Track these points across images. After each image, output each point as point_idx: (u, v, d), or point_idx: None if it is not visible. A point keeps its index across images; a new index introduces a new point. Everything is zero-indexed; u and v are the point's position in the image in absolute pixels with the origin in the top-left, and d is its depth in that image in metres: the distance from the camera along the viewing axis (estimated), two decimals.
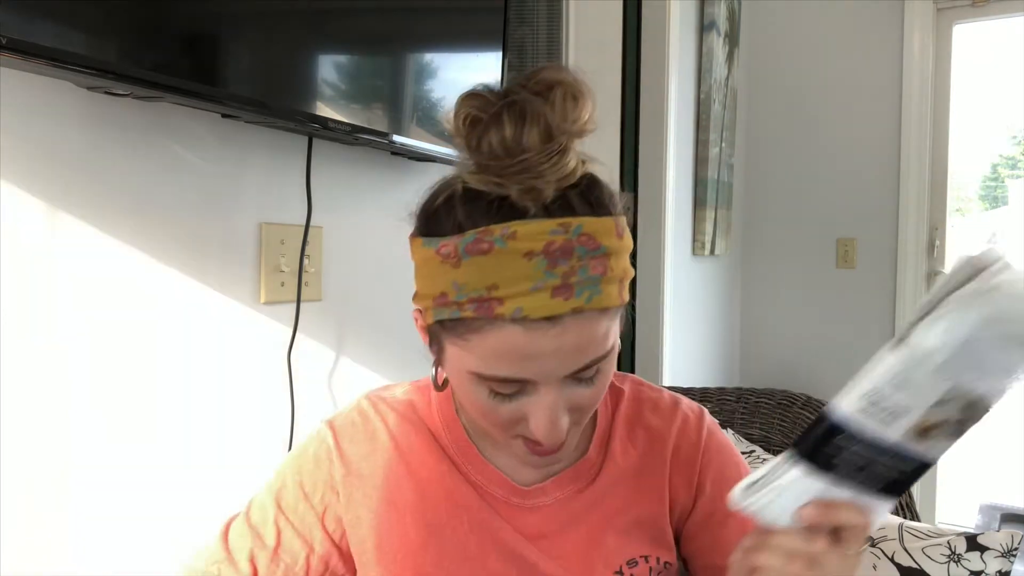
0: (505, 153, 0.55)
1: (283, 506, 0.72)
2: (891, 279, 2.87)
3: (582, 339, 0.57)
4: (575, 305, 0.55)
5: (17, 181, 0.83)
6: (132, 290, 0.95)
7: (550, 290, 0.55)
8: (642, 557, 0.72)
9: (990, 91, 4.23)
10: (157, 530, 0.98)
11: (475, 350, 0.58)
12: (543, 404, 0.59)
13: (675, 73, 2.21)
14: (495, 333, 0.56)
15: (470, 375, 0.60)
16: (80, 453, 0.90)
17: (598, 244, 0.57)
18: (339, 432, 0.74)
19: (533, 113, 0.55)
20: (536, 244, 0.55)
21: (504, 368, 0.58)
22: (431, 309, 0.60)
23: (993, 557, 0.88)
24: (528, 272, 0.55)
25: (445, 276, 0.57)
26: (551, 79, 0.57)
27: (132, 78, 0.82)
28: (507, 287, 0.55)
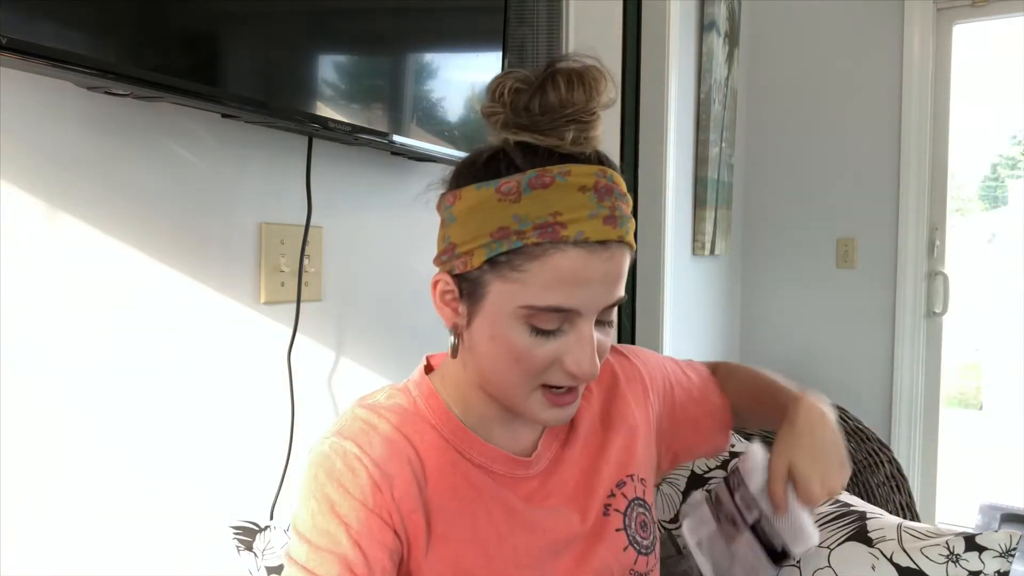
0: (560, 105, 0.65)
1: (347, 521, 0.67)
2: (891, 279, 2.87)
3: (620, 269, 0.67)
4: (619, 234, 0.65)
5: (17, 181, 0.83)
6: (132, 290, 0.95)
7: (602, 218, 0.64)
8: (628, 476, 0.83)
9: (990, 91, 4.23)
10: (157, 530, 0.98)
11: (531, 280, 0.64)
12: (584, 336, 0.66)
13: (675, 73, 2.21)
14: (557, 256, 0.64)
15: (519, 312, 0.65)
16: (80, 453, 0.90)
17: (623, 191, 0.68)
18: (356, 438, 0.71)
19: (581, 77, 0.65)
20: (588, 180, 0.65)
21: (559, 295, 0.64)
22: (484, 248, 0.66)
23: (991, 557, 0.88)
24: (584, 202, 0.64)
25: (505, 211, 0.64)
26: (585, 59, 0.67)
27: (132, 78, 0.82)
28: (569, 213, 0.63)
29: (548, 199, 0.64)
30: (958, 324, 3.41)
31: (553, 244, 0.63)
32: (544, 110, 0.65)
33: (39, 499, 0.86)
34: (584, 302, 0.65)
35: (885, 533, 0.98)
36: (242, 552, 1.01)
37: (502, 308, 0.66)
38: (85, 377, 0.90)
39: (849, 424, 1.51)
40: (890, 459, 1.44)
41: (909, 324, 2.85)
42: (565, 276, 0.64)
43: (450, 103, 1.40)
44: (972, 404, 6.12)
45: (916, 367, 2.85)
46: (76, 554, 0.90)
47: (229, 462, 1.08)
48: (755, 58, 3.04)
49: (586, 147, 0.67)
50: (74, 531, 0.89)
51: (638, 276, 2.24)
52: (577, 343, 0.67)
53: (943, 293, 2.87)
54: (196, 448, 1.03)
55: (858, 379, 2.92)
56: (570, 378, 0.68)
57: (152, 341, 0.97)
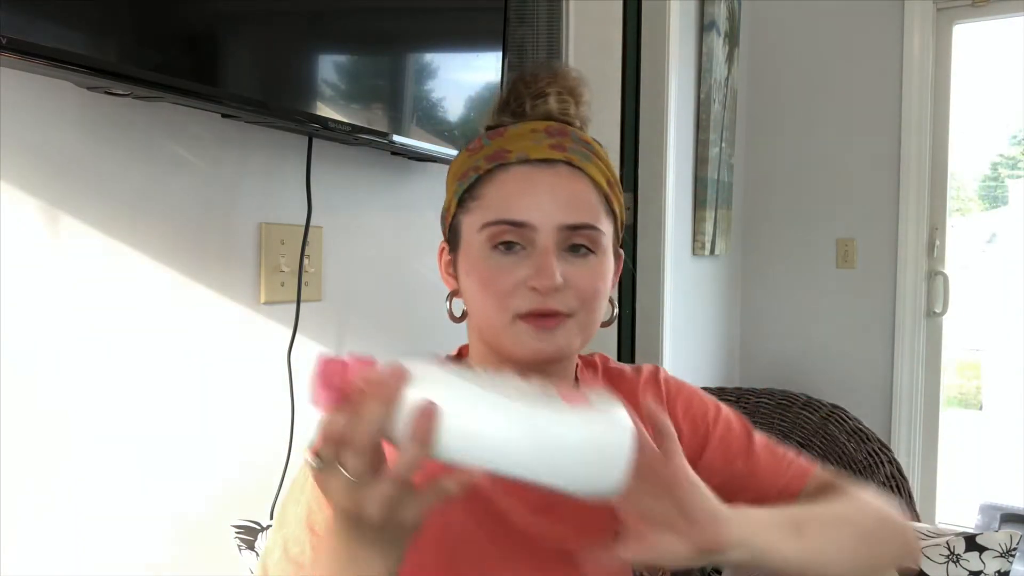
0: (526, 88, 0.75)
1: (318, 530, 0.69)
2: (891, 279, 2.87)
3: (575, 189, 0.71)
4: (567, 157, 0.71)
5: (17, 181, 0.83)
6: (132, 290, 0.95)
7: (547, 145, 0.71)
8: None
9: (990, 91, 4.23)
10: (158, 530, 0.98)
11: (486, 201, 0.71)
12: (539, 251, 0.68)
13: (675, 73, 2.21)
14: (503, 176, 0.71)
15: (482, 232, 0.70)
16: (80, 453, 0.90)
17: (588, 143, 0.74)
18: None
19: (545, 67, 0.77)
20: (539, 126, 0.73)
21: (510, 208, 0.69)
22: (455, 193, 0.74)
23: (992, 557, 0.88)
24: (532, 137, 0.72)
25: (470, 159, 0.74)
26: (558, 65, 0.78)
27: (132, 78, 0.82)
28: (515, 143, 0.72)
29: (500, 141, 0.72)
30: (958, 324, 3.41)
31: (501, 167, 0.71)
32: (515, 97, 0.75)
33: (39, 499, 0.86)
34: (535, 215, 0.68)
35: None
36: (243, 551, 1.01)
37: (471, 239, 0.72)
38: (85, 377, 0.90)
39: (849, 424, 1.51)
40: (890, 459, 1.44)
41: (909, 324, 2.85)
42: (512, 190, 0.70)
43: (450, 103, 1.40)
44: (972, 404, 6.11)
45: (916, 367, 2.85)
46: (76, 554, 0.90)
47: (229, 462, 1.08)
48: (755, 58, 3.04)
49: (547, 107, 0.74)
50: (74, 531, 0.89)
51: (638, 276, 2.24)
52: (535, 257, 0.68)
53: (943, 293, 2.87)
54: (196, 448, 1.03)
55: (858, 379, 2.92)
56: (536, 295, 0.68)
57: (152, 341, 0.97)
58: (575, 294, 0.70)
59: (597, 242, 0.71)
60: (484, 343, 0.76)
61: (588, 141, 0.75)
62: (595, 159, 0.73)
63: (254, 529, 1.02)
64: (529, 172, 0.70)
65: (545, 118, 0.74)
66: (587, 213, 0.70)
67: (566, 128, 0.74)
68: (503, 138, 0.73)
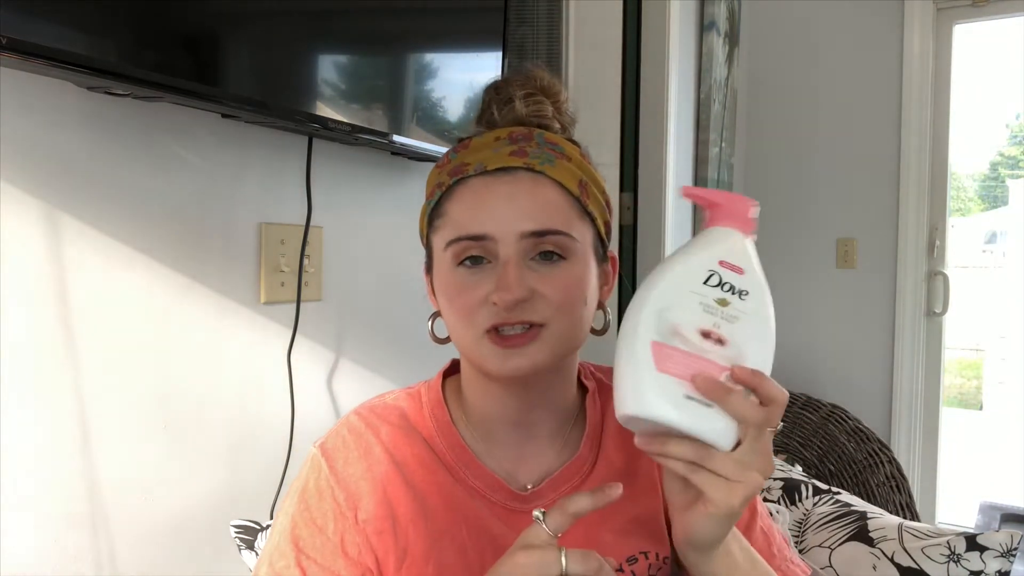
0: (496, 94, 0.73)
1: (302, 546, 0.70)
2: (891, 279, 2.87)
3: (535, 195, 0.67)
4: (527, 162, 0.67)
5: (17, 181, 0.83)
6: (132, 290, 0.95)
7: (507, 152, 0.68)
8: (641, 554, 0.73)
9: (990, 91, 4.24)
10: (157, 529, 0.98)
11: (449, 219, 0.68)
12: (500, 263, 0.66)
13: (675, 73, 2.21)
14: (462, 189, 0.68)
15: (446, 252, 0.68)
16: (80, 452, 0.90)
17: (557, 144, 0.70)
18: (332, 455, 0.72)
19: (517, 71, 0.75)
20: (503, 134, 0.70)
21: (469, 223, 0.66)
22: (425, 213, 0.72)
23: (992, 557, 0.88)
24: (493, 146, 0.69)
25: (437, 176, 0.72)
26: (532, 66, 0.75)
27: (132, 78, 0.82)
28: (474, 156, 0.69)
29: (465, 154, 0.70)
30: (958, 324, 3.41)
31: (460, 181, 0.68)
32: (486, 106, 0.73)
33: (39, 499, 0.86)
34: (493, 226, 0.66)
35: (886, 533, 0.98)
36: (243, 551, 1.01)
37: (440, 258, 0.69)
38: (85, 377, 0.90)
39: (849, 424, 1.51)
40: (890, 459, 1.44)
41: (909, 324, 2.85)
42: (470, 203, 0.67)
43: (450, 103, 1.40)
44: (972, 404, 6.12)
45: (916, 367, 2.85)
46: (77, 554, 0.90)
47: (229, 461, 1.08)
48: (755, 58, 3.04)
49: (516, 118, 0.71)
50: (75, 530, 0.89)
51: (638, 276, 2.24)
52: (498, 269, 0.66)
53: (943, 293, 2.86)
54: (197, 448, 1.03)
55: (858, 379, 2.92)
56: (497, 310, 0.65)
57: (152, 341, 0.97)
58: (547, 303, 0.66)
59: (567, 247, 0.67)
60: (466, 360, 0.74)
61: (557, 142, 0.70)
62: (562, 160, 0.69)
63: (254, 529, 1.02)
64: (486, 183, 0.67)
65: (515, 123, 0.71)
66: (552, 218, 0.66)
67: (532, 132, 0.70)
68: (467, 150, 0.70)
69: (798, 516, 1.15)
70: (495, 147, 0.69)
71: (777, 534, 0.79)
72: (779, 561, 0.76)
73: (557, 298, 0.66)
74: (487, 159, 0.68)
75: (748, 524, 0.77)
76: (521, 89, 0.72)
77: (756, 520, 0.78)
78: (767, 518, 0.79)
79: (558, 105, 0.73)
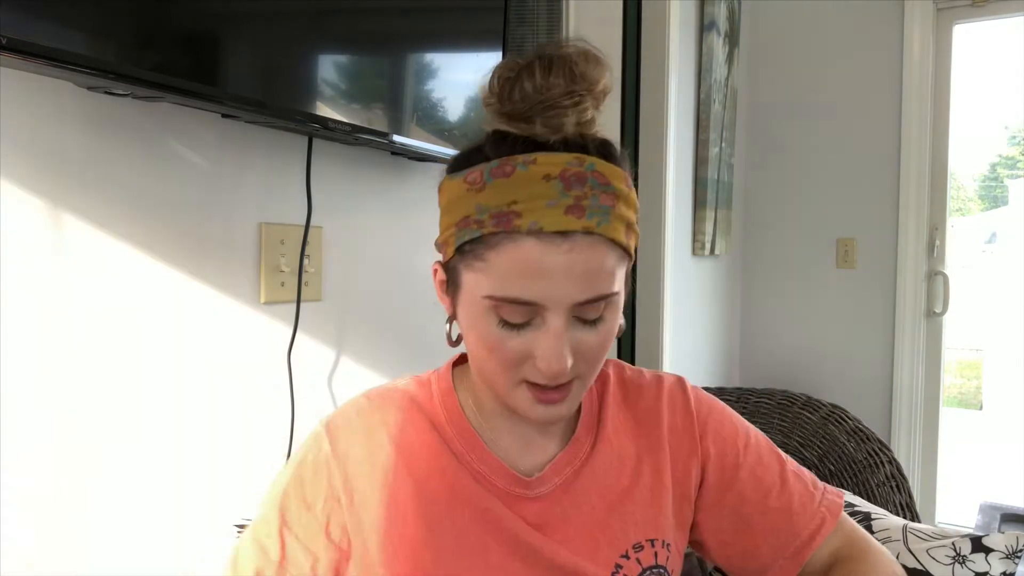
0: (534, 91, 0.62)
1: (287, 519, 0.71)
2: (891, 279, 2.87)
3: (591, 263, 0.62)
4: (586, 225, 0.61)
5: (17, 181, 0.83)
6: (132, 290, 0.95)
7: (564, 208, 0.61)
8: (648, 541, 0.74)
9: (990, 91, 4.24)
10: (157, 530, 0.98)
11: (491, 269, 0.62)
12: (550, 333, 0.63)
13: (675, 73, 2.21)
14: (512, 246, 0.61)
15: (484, 302, 0.64)
16: (80, 452, 0.90)
17: (609, 182, 0.63)
18: (336, 434, 0.73)
19: (561, 60, 0.62)
20: (554, 169, 0.62)
21: (517, 287, 0.62)
22: (454, 236, 0.65)
23: (998, 559, 0.88)
24: (545, 191, 0.61)
25: (470, 201, 0.63)
26: (576, 44, 0.64)
27: (132, 78, 0.82)
28: (525, 203, 0.61)
29: (507, 188, 0.62)
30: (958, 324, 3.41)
31: (507, 234, 0.61)
32: (523, 97, 0.63)
33: (40, 499, 0.86)
34: (546, 295, 0.62)
35: (890, 534, 0.98)
36: None
37: (472, 297, 0.65)
38: (85, 376, 0.90)
39: (849, 424, 1.51)
40: (890, 459, 1.43)
41: (909, 324, 2.85)
42: (521, 268, 0.61)
43: (450, 103, 1.39)
44: (972, 404, 6.12)
45: (916, 367, 2.85)
46: (77, 553, 0.89)
47: (229, 462, 1.08)
48: (755, 58, 3.04)
49: (562, 133, 0.63)
50: (75, 530, 0.89)
51: (638, 276, 2.23)
52: (544, 338, 0.63)
53: (943, 293, 2.86)
54: (197, 448, 1.03)
55: (858, 379, 2.92)
56: (543, 374, 0.64)
57: (152, 341, 0.97)
58: (586, 362, 0.66)
59: (610, 303, 0.65)
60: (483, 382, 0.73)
61: (608, 178, 0.63)
62: (615, 209, 0.63)
63: None
64: (542, 248, 0.60)
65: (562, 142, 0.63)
66: (603, 284, 0.63)
67: (584, 169, 0.62)
68: (509, 183, 0.62)
69: None
70: (547, 195, 0.61)
71: (805, 471, 0.82)
72: (819, 494, 0.80)
73: (595, 355, 0.67)
74: (541, 216, 0.60)
75: (781, 473, 0.80)
76: (569, 97, 0.63)
77: (787, 467, 0.81)
78: (792, 461, 0.82)
79: (599, 97, 0.65)
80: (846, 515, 0.80)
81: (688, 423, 0.79)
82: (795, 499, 0.78)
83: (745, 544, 0.78)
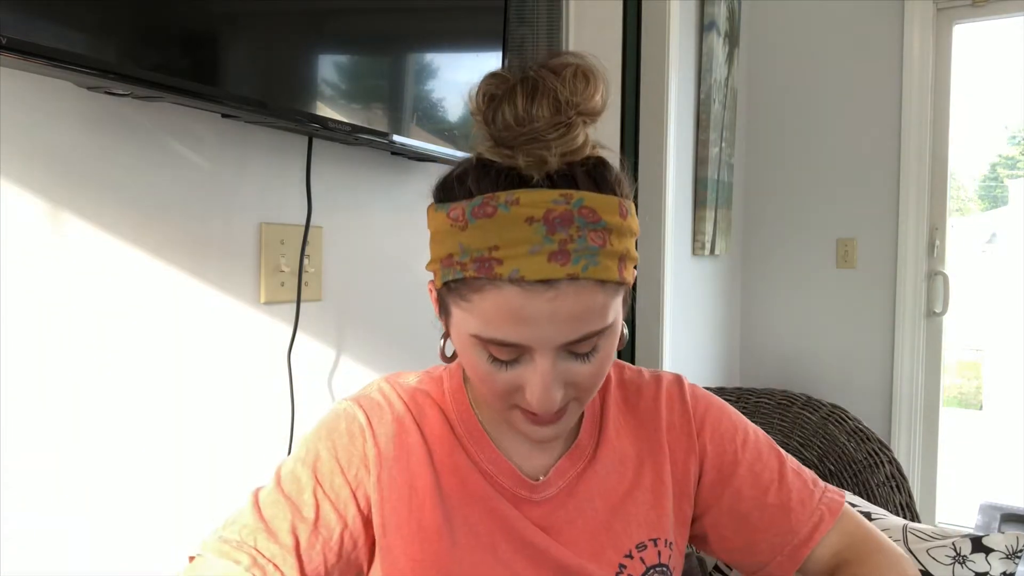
0: (516, 123, 0.59)
1: (320, 479, 0.70)
2: (891, 279, 2.87)
3: (577, 308, 0.60)
4: (571, 271, 0.58)
5: (17, 181, 0.83)
6: (132, 290, 0.95)
7: (547, 254, 0.58)
8: (651, 540, 0.74)
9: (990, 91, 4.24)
10: (157, 530, 0.98)
11: (476, 311, 0.61)
12: (538, 372, 0.62)
13: (675, 73, 2.21)
14: (494, 293, 0.59)
15: (471, 339, 0.63)
16: (80, 453, 0.90)
17: (599, 218, 0.60)
18: (368, 410, 0.73)
19: (544, 87, 0.59)
20: (537, 211, 0.58)
21: (501, 331, 0.60)
22: (439, 271, 0.64)
23: (998, 559, 0.88)
24: (527, 236, 0.58)
25: (453, 239, 0.61)
26: (565, 59, 0.61)
27: (132, 78, 0.82)
28: (507, 248, 0.58)
29: (488, 231, 0.59)
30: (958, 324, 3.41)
31: (489, 280, 0.59)
32: (505, 126, 0.59)
33: (40, 498, 0.86)
34: (531, 339, 0.60)
35: (890, 534, 0.98)
36: None
37: (460, 331, 0.65)
38: (84, 376, 0.90)
39: (849, 424, 1.51)
40: (890, 459, 1.43)
41: (909, 324, 2.85)
42: (504, 314, 0.60)
43: (450, 103, 1.39)
44: (972, 404, 6.12)
45: (916, 367, 2.85)
46: (77, 553, 0.89)
47: (229, 462, 1.08)
48: (755, 58, 3.04)
49: (546, 168, 0.59)
50: (75, 530, 0.89)
51: (638, 276, 2.23)
52: (532, 376, 0.62)
53: (943, 293, 2.86)
54: (196, 448, 1.03)
55: (858, 379, 2.92)
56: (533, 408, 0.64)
57: (152, 341, 0.97)
58: (577, 387, 0.65)
59: (603, 335, 0.63)
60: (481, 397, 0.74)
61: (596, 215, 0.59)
62: (605, 247, 0.60)
63: None
64: (524, 296, 0.58)
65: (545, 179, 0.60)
66: (592, 323, 0.61)
67: (570, 207, 0.59)
68: (491, 224, 0.59)
69: None
70: (530, 240, 0.58)
71: (805, 469, 0.82)
72: (819, 492, 0.79)
73: (590, 384, 0.66)
74: (522, 264, 0.58)
75: (780, 471, 0.79)
76: (554, 130, 0.59)
77: (786, 464, 0.80)
78: (792, 459, 0.81)
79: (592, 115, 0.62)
80: (854, 514, 0.80)
81: (685, 420, 0.79)
82: (793, 496, 0.78)
83: (744, 540, 0.78)
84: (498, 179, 0.60)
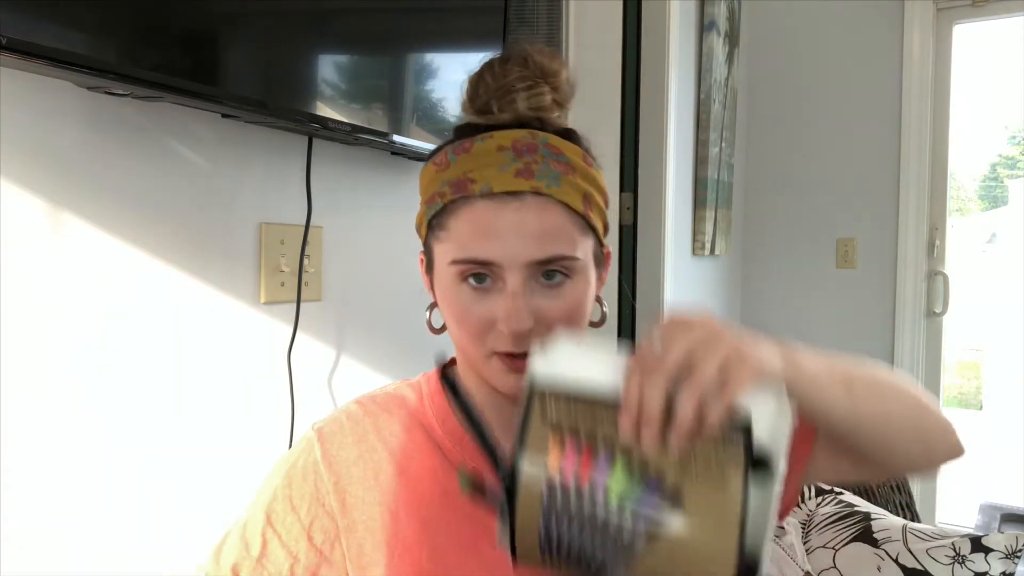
0: (493, 81, 0.69)
1: (272, 519, 0.73)
2: (891, 279, 2.87)
3: (543, 224, 0.65)
4: (535, 185, 0.65)
5: (17, 181, 0.82)
6: (132, 290, 0.95)
7: (514, 171, 0.66)
8: None
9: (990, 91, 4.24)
10: (157, 530, 0.98)
11: (452, 236, 0.67)
12: (508, 292, 0.66)
13: (675, 73, 2.21)
14: (467, 209, 0.66)
15: (450, 270, 0.68)
16: (79, 453, 0.89)
17: (561, 152, 0.68)
18: (327, 439, 0.74)
19: (515, 51, 0.70)
20: (506, 141, 0.67)
21: (474, 247, 0.66)
22: (425, 215, 0.71)
23: (997, 559, 0.88)
24: (497, 160, 0.66)
25: (437, 179, 0.69)
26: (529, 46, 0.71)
27: (132, 78, 0.82)
28: (479, 171, 0.66)
29: (466, 161, 0.67)
30: (958, 324, 3.41)
31: (464, 199, 0.66)
32: (485, 89, 0.70)
33: (40, 499, 0.86)
34: (501, 254, 0.65)
35: (890, 534, 0.98)
36: None
37: (441, 269, 0.69)
38: (85, 377, 0.90)
39: None
40: None
41: (909, 324, 2.85)
42: (476, 228, 0.66)
43: (450, 103, 1.39)
44: (972, 404, 6.12)
45: (916, 367, 2.85)
46: (77, 553, 0.89)
47: (229, 461, 1.08)
48: (755, 58, 3.04)
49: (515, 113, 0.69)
50: (74, 530, 0.89)
51: (638, 276, 2.23)
52: (503, 299, 0.66)
53: (943, 293, 2.86)
54: (196, 448, 1.03)
55: None
56: (506, 339, 0.66)
57: (152, 341, 0.97)
58: (548, 328, 0.67)
59: (571, 267, 0.67)
60: (467, 366, 0.76)
61: (560, 149, 0.68)
62: (568, 176, 0.67)
63: None
64: (492, 208, 0.65)
65: (516, 121, 0.69)
66: (559, 244, 0.66)
67: (535, 137, 0.68)
68: (467, 156, 0.68)
69: (802, 517, 1.14)
70: (499, 162, 0.66)
71: None
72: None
73: (559, 320, 0.68)
74: (492, 179, 0.65)
75: None
76: (522, 81, 0.69)
77: None
78: None
79: (557, 87, 0.71)
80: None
81: None
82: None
83: None
84: (477, 129, 0.70)
